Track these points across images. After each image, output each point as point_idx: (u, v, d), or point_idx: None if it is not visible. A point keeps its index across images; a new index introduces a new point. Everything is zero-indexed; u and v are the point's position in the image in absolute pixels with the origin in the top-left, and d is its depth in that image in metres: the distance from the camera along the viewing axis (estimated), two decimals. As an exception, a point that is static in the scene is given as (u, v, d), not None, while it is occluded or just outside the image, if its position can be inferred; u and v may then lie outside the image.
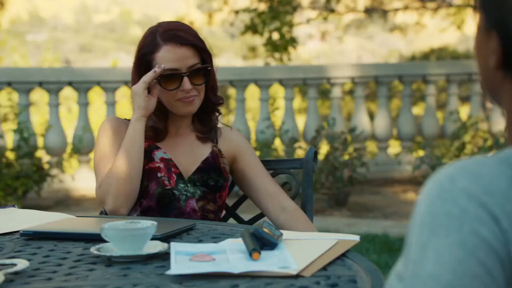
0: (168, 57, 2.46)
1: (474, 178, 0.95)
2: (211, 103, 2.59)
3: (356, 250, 5.47)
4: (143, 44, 2.52)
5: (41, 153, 7.70)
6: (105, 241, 1.82)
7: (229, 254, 1.73)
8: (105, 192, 2.42)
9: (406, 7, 14.30)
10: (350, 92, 12.82)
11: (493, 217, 0.93)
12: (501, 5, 1.01)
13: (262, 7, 12.44)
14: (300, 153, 7.79)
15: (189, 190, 2.49)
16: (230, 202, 2.72)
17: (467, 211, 0.93)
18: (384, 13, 15.20)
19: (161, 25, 2.53)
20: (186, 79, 2.47)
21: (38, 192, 7.27)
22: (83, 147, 7.71)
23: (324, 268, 1.66)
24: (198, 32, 2.55)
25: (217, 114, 2.64)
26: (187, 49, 2.47)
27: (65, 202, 7.63)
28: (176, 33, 2.47)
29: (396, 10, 14.63)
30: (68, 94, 12.35)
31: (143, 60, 2.51)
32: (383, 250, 5.28)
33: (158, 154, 2.51)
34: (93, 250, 1.78)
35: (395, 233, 5.85)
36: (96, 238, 1.88)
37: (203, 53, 2.51)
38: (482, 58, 1.08)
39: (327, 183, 6.99)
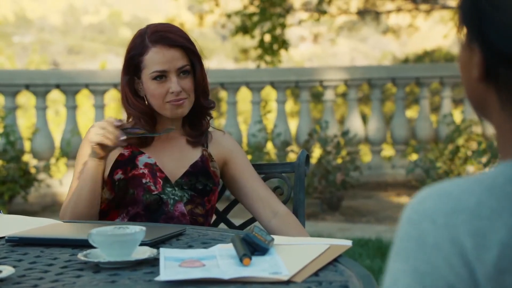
0: (156, 59, 2.44)
1: (443, 197, 0.97)
2: (203, 107, 2.56)
3: (349, 255, 5.45)
4: (132, 46, 2.49)
5: (28, 157, 7.57)
6: (93, 247, 1.80)
7: (219, 260, 1.71)
8: (63, 217, 2.44)
9: (399, 9, 14.31)
10: (343, 95, 12.81)
11: (454, 239, 0.93)
12: (480, 18, 1.04)
13: (253, 8, 12.44)
14: (292, 156, 7.76)
15: (176, 193, 2.46)
16: (220, 207, 2.69)
17: (427, 235, 0.95)
18: (377, 15, 15.21)
19: (149, 26, 2.51)
20: (175, 81, 2.44)
21: (25, 197, 7.15)
22: (71, 151, 7.53)
23: (315, 274, 1.65)
24: (188, 34, 2.52)
25: (208, 118, 2.61)
26: (176, 51, 2.45)
27: (52, 207, 7.49)
28: (165, 34, 2.45)
29: (389, 12, 14.65)
30: (55, 97, 12.26)
31: (132, 62, 2.48)
32: (377, 255, 5.26)
33: (141, 160, 2.48)
34: (81, 256, 1.75)
35: (388, 237, 5.82)
36: (83, 244, 1.85)
37: (193, 55, 2.49)
38: (466, 72, 1.10)
39: (319, 187, 6.97)
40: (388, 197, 7.85)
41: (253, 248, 1.75)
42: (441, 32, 15.58)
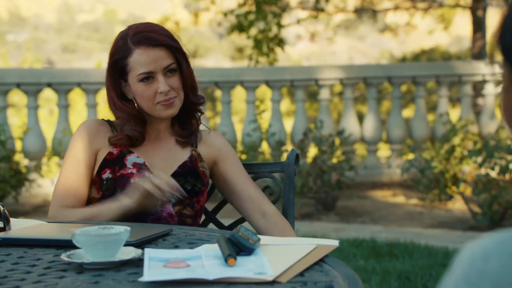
0: (141, 60, 2.41)
1: (509, 258, 0.83)
2: (192, 104, 2.54)
3: (343, 255, 5.39)
4: (115, 50, 2.47)
5: (19, 157, 7.50)
6: (77, 247, 1.78)
7: (205, 260, 1.70)
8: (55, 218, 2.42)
9: (396, 7, 14.30)
10: (340, 94, 12.79)
11: None
12: None
13: (248, 7, 12.41)
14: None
15: (165, 194, 2.44)
16: (210, 206, 2.68)
17: None
18: (374, 14, 15.20)
19: (131, 28, 2.48)
20: (162, 81, 2.42)
21: (16, 197, 7.10)
22: (62, 150, 7.45)
23: (301, 274, 1.64)
24: (172, 32, 2.50)
25: (198, 114, 2.59)
26: (160, 50, 2.42)
27: (44, 207, 7.38)
28: (147, 34, 2.42)
29: (386, 10, 14.64)
30: (49, 96, 12.22)
31: (117, 66, 2.46)
32: (371, 256, 5.24)
33: (130, 159, 2.46)
34: (64, 256, 1.73)
35: (383, 238, 5.81)
36: (67, 245, 1.83)
37: (177, 53, 2.46)
38: None
39: (314, 187, 6.94)
40: (383, 197, 7.83)
41: (238, 248, 1.74)
42: (440, 31, 15.57)
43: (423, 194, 7.31)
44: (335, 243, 1.88)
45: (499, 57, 0.98)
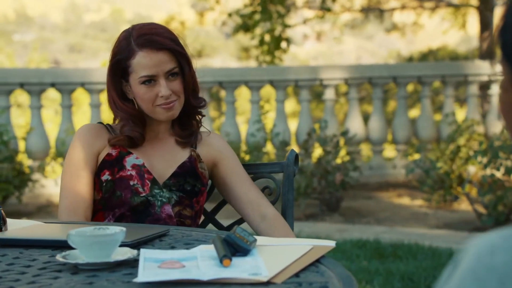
0: (144, 63, 2.40)
1: None
2: (193, 107, 2.54)
3: (346, 256, 5.36)
4: (118, 50, 2.45)
5: (22, 157, 7.49)
6: (72, 248, 1.77)
7: (200, 261, 1.70)
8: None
9: (403, 7, 14.25)
10: (346, 94, 12.78)
11: None
12: None
13: (253, 7, 12.40)
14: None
15: (164, 195, 2.44)
16: (209, 207, 2.67)
17: None
18: (381, 13, 15.16)
19: (135, 28, 2.46)
20: (164, 85, 2.41)
21: (19, 197, 7.08)
22: (66, 150, 7.34)
23: (296, 275, 1.63)
24: (176, 33, 2.49)
25: (199, 117, 2.59)
26: (163, 54, 2.41)
27: (47, 208, 7.40)
28: (152, 37, 2.41)
29: (393, 9, 14.60)
30: (55, 96, 12.22)
31: (119, 66, 2.45)
32: (374, 257, 5.23)
33: (129, 161, 2.46)
34: (59, 257, 1.73)
35: (387, 239, 5.79)
36: (63, 245, 1.83)
37: (180, 56, 2.45)
38: None
39: (318, 187, 6.92)
40: (388, 198, 7.81)
41: (234, 249, 1.74)
42: (447, 30, 15.52)
43: (428, 195, 7.28)
44: (331, 243, 1.88)
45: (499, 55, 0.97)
